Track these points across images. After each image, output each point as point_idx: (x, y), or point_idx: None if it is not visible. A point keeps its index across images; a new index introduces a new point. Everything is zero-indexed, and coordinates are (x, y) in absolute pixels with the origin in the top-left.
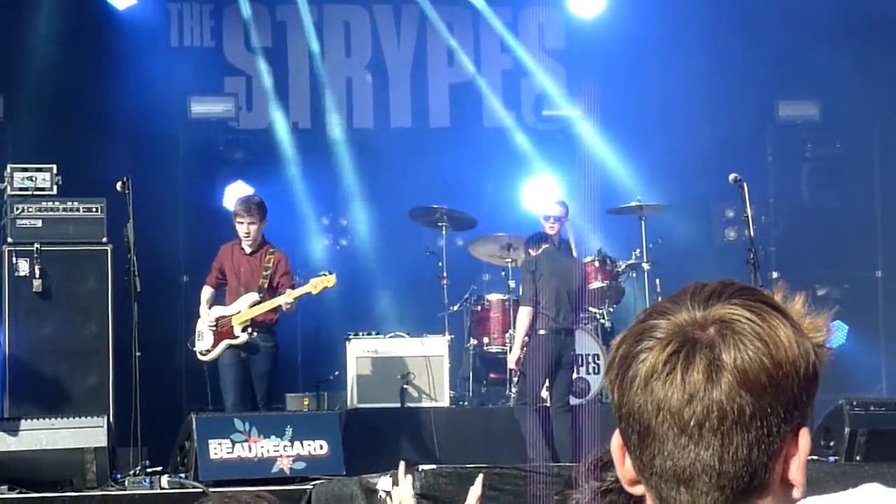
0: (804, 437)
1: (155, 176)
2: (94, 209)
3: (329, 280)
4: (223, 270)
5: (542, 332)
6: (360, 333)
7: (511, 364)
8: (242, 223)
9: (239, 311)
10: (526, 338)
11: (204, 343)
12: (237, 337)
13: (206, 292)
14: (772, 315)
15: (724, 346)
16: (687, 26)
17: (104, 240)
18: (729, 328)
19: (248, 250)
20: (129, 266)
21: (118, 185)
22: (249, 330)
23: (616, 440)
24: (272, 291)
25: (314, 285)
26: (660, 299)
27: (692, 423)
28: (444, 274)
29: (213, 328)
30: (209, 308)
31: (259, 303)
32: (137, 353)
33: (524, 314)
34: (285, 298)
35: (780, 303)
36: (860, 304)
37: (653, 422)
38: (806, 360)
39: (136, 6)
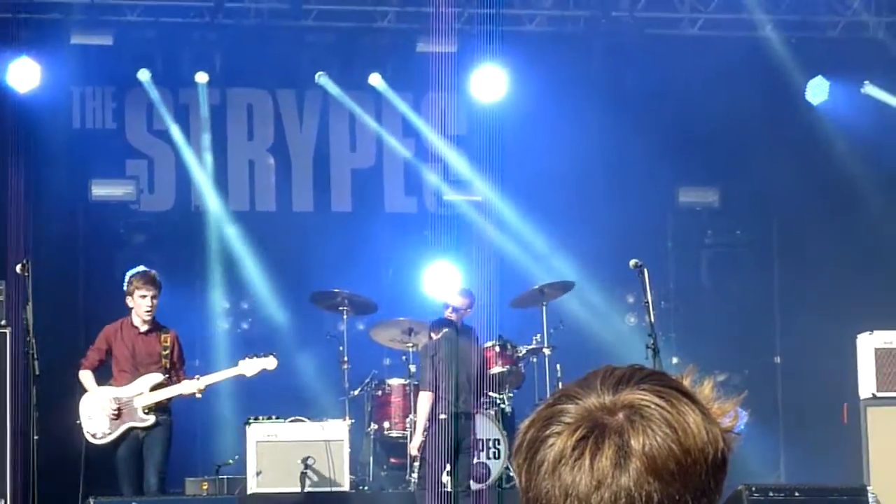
0: None
1: (55, 258)
2: None
3: (268, 362)
4: (110, 351)
5: (442, 416)
6: (261, 417)
7: (413, 450)
8: (146, 297)
9: (141, 393)
10: (427, 423)
11: (97, 425)
12: (143, 420)
13: (88, 376)
14: (681, 401)
15: (632, 432)
16: (587, 113)
17: (2, 322)
18: (638, 414)
19: (142, 328)
20: (28, 349)
21: (18, 268)
22: (153, 412)
23: None
24: (172, 372)
25: (249, 367)
26: (560, 384)
27: None
28: (346, 358)
29: (114, 411)
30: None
31: (161, 384)
32: (35, 437)
33: (425, 399)
34: (195, 386)
35: (689, 388)
36: (759, 390)
37: None
38: (714, 447)
39: (37, 89)
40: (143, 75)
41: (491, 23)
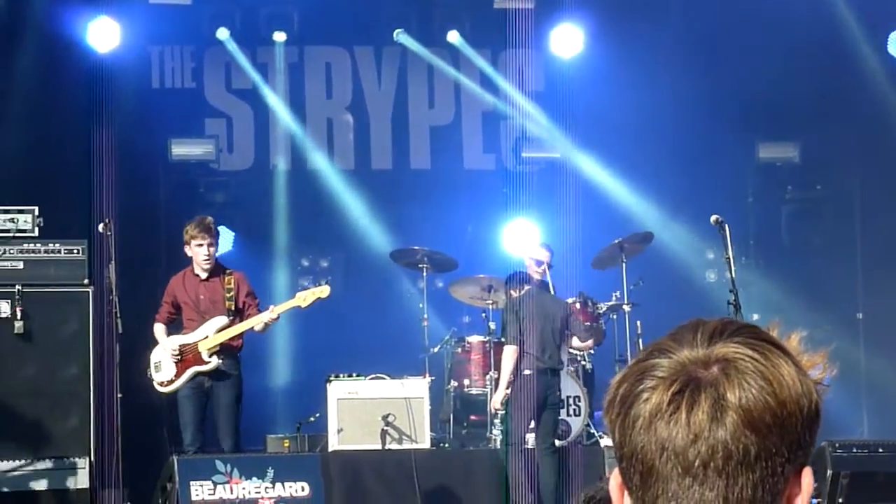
0: (807, 476)
1: (136, 217)
2: (75, 251)
3: (322, 291)
4: (176, 304)
5: (527, 371)
6: (341, 375)
7: (496, 403)
8: (202, 245)
9: (206, 337)
10: (511, 377)
11: (164, 373)
12: (206, 363)
13: (160, 329)
14: (774, 353)
15: (728, 384)
16: (666, 68)
17: (85, 282)
18: (732, 367)
19: (203, 276)
20: (112, 308)
21: (100, 227)
22: (218, 355)
23: (615, 479)
24: (239, 314)
25: (303, 298)
26: (641, 341)
27: (697, 464)
28: (425, 315)
29: (177, 356)
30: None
31: (228, 326)
32: (119, 395)
33: (510, 353)
34: (268, 315)
35: (780, 340)
36: (841, 346)
37: (656, 462)
38: (809, 399)
39: (117, 49)
40: (223, 34)
41: None
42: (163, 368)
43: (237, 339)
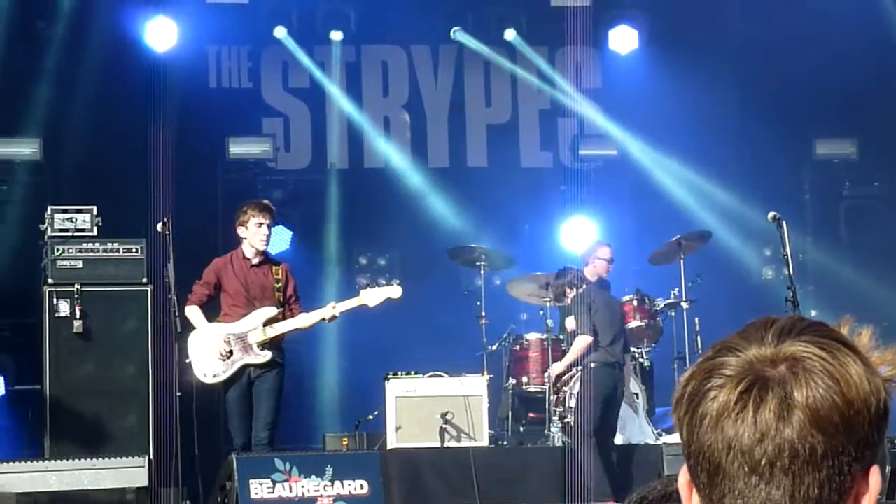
0: (875, 475)
1: (194, 216)
2: (134, 250)
3: (393, 291)
4: (219, 286)
5: (592, 364)
6: (399, 373)
7: (555, 369)
8: (262, 224)
9: (255, 328)
10: (576, 359)
11: (209, 365)
12: (258, 356)
13: (195, 311)
14: (842, 352)
15: (795, 384)
16: (722, 65)
17: (144, 280)
18: (800, 366)
19: (254, 260)
20: (170, 307)
21: (159, 226)
22: (266, 347)
23: (683, 476)
24: (286, 306)
25: (371, 296)
26: (699, 339)
27: (763, 463)
28: (483, 313)
29: (227, 349)
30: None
31: (276, 318)
32: (178, 394)
33: (583, 341)
34: (329, 312)
35: (848, 338)
36: None
37: (723, 460)
38: (877, 398)
39: (175, 48)
40: (280, 32)
41: None
42: (206, 359)
43: None
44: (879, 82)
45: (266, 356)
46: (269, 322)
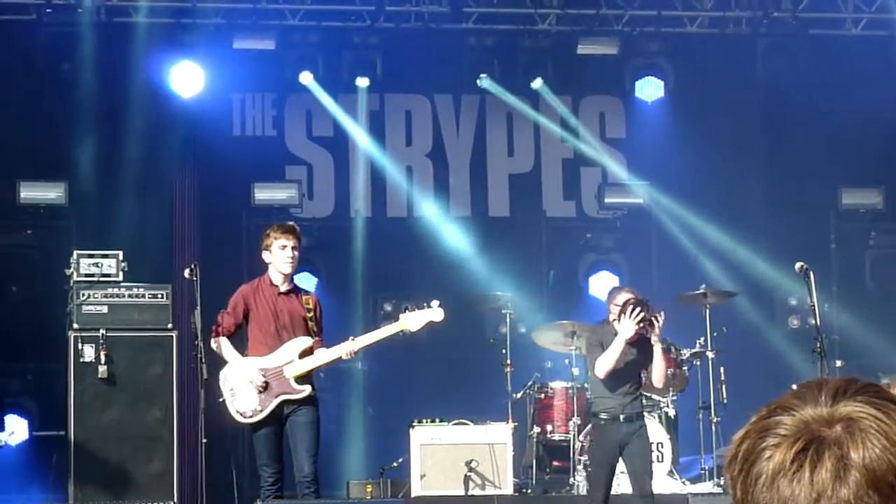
0: None
1: (220, 261)
2: (159, 296)
3: (435, 313)
4: (247, 314)
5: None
6: (425, 420)
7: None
8: (286, 247)
9: (290, 361)
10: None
11: (245, 402)
12: (297, 391)
13: (226, 344)
14: None
15: (852, 444)
16: (748, 114)
17: (170, 326)
18: (856, 426)
19: (282, 287)
20: (196, 353)
21: (186, 272)
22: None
23: None
24: (316, 338)
25: (412, 321)
26: (724, 388)
27: None
28: (508, 361)
29: (262, 384)
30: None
31: (311, 350)
32: (204, 440)
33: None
34: (370, 339)
35: None
36: None
37: None
38: None
39: (200, 94)
40: (306, 78)
41: (653, 24)
42: (241, 396)
43: None
44: None
45: (305, 390)
46: (304, 354)
